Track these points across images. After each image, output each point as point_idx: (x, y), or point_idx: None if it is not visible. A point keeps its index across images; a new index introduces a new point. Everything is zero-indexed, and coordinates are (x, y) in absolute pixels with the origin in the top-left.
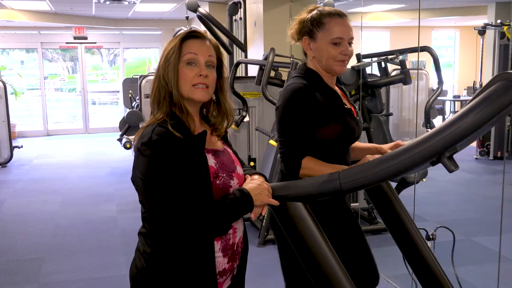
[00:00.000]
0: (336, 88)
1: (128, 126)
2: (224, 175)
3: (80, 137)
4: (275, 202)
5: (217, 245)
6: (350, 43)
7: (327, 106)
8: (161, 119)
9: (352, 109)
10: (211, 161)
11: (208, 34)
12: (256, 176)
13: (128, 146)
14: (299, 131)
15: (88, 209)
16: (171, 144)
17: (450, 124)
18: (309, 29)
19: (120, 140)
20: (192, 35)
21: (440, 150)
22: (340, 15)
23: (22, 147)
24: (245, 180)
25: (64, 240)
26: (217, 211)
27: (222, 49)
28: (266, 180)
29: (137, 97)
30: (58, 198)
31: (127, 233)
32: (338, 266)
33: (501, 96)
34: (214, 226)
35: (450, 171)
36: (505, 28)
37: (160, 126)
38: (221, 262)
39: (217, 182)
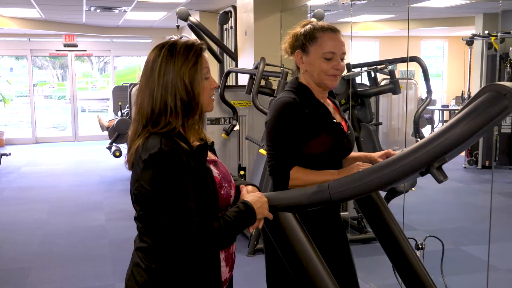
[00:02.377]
0: (329, 102)
1: (117, 134)
2: (226, 185)
3: (69, 145)
4: (272, 216)
5: (221, 255)
6: (342, 59)
7: (315, 121)
8: (163, 130)
9: (343, 123)
10: (214, 171)
11: None
12: (250, 188)
13: (117, 154)
14: (287, 145)
15: (77, 217)
16: (181, 156)
17: (439, 135)
18: (302, 43)
19: (109, 148)
20: (203, 47)
21: (429, 161)
22: (333, 30)
23: (10, 154)
24: (237, 190)
25: (52, 249)
26: (225, 225)
27: None
28: (259, 191)
29: (127, 105)
30: (46, 206)
31: (116, 242)
32: (328, 277)
33: (489, 107)
34: (222, 239)
35: (439, 181)
36: (493, 39)
37: (165, 137)
38: (224, 271)
39: (222, 192)
